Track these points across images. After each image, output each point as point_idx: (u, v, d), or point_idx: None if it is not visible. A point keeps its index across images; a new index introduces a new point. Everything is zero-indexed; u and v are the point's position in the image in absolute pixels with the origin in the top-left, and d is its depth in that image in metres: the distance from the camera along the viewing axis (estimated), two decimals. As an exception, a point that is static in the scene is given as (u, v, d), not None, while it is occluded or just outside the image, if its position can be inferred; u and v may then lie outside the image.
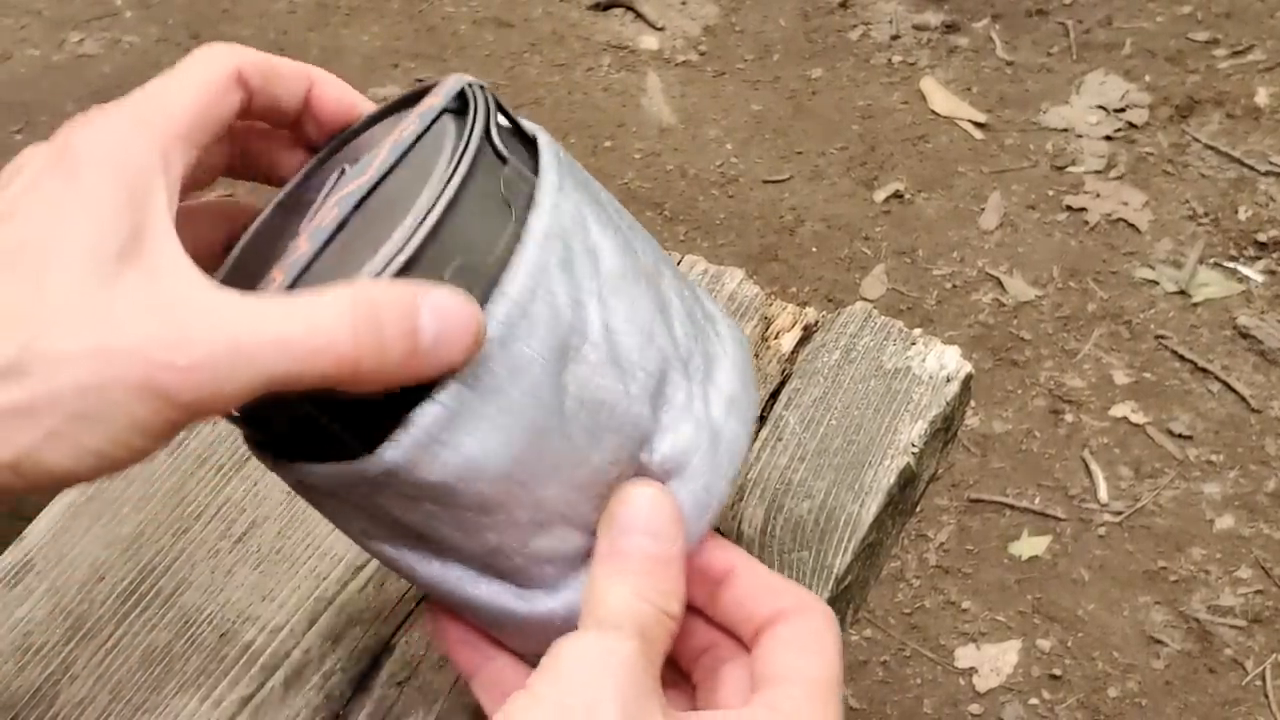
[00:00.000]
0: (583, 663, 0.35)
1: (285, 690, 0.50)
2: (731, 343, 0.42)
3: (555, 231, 0.36)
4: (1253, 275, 1.70)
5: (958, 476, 1.50)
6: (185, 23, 2.11)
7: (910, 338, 0.65)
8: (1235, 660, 1.35)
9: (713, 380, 0.40)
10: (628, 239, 0.39)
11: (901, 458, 0.60)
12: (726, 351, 0.42)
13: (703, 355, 0.40)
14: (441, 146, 0.36)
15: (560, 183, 0.37)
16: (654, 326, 0.38)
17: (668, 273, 0.41)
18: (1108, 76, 1.97)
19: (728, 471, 0.40)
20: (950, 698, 1.33)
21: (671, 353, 0.38)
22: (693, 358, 0.39)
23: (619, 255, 0.37)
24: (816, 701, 0.37)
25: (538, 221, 0.36)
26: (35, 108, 1.95)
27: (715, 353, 0.41)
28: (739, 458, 0.40)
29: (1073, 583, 1.41)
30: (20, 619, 0.53)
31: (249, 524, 0.56)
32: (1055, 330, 1.65)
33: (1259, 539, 1.44)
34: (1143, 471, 1.50)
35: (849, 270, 1.73)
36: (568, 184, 0.37)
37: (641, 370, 0.37)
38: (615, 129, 1.93)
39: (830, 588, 0.57)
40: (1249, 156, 1.84)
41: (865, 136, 1.91)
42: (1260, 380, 1.58)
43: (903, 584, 1.41)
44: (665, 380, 0.38)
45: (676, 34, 2.10)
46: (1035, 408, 1.57)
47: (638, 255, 0.39)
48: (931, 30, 2.07)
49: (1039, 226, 1.77)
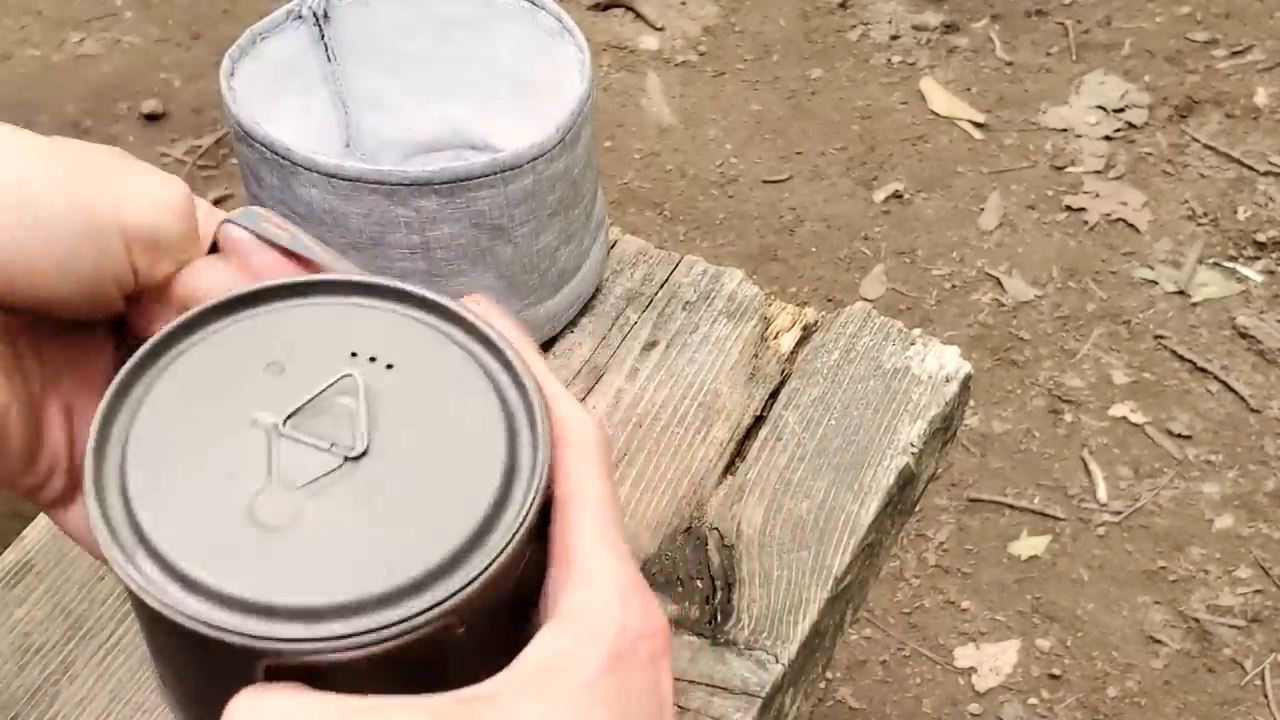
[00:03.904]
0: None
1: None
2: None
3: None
4: (1252, 275, 1.70)
5: (957, 476, 1.50)
6: (185, 23, 2.11)
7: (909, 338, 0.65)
8: (1234, 660, 1.35)
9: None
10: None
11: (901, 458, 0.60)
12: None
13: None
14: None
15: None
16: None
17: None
18: (1107, 76, 1.97)
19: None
20: (950, 697, 1.33)
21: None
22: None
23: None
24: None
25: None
26: (35, 108, 1.95)
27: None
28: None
29: (1072, 582, 1.41)
30: (20, 619, 0.53)
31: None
32: (1054, 330, 1.65)
33: (1258, 539, 1.44)
34: (1142, 471, 1.50)
35: (848, 270, 1.73)
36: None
37: None
38: (615, 129, 1.93)
39: (829, 587, 0.57)
40: (1248, 156, 1.85)
41: (865, 136, 1.91)
42: (1260, 380, 1.58)
43: (902, 584, 1.41)
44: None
45: (676, 34, 2.10)
46: (1035, 408, 1.57)
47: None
48: (931, 30, 2.07)
49: (1038, 226, 1.78)
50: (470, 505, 0.31)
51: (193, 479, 0.31)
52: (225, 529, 0.30)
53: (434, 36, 0.66)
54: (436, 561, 0.30)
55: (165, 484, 0.31)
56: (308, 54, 0.64)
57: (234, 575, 0.29)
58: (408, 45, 0.66)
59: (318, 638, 0.29)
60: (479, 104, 0.68)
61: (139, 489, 0.31)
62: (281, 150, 0.55)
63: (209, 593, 0.29)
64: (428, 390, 0.33)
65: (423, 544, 0.30)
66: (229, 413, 0.32)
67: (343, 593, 0.29)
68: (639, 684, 0.32)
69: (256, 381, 0.33)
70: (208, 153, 1.88)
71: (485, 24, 0.65)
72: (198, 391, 0.33)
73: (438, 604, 0.30)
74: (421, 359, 0.33)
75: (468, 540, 0.31)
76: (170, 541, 0.30)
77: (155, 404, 0.33)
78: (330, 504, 0.31)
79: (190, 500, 0.31)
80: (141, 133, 1.91)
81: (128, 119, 1.93)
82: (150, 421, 0.32)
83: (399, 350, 0.33)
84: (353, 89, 0.67)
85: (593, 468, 0.34)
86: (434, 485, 0.31)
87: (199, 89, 1.96)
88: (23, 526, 0.57)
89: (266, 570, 0.29)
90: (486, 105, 0.68)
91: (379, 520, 0.31)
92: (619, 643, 0.32)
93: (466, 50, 0.66)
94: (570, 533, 0.34)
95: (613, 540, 0.34)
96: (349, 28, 0.65)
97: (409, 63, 0.67)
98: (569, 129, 0.57)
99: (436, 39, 0.66)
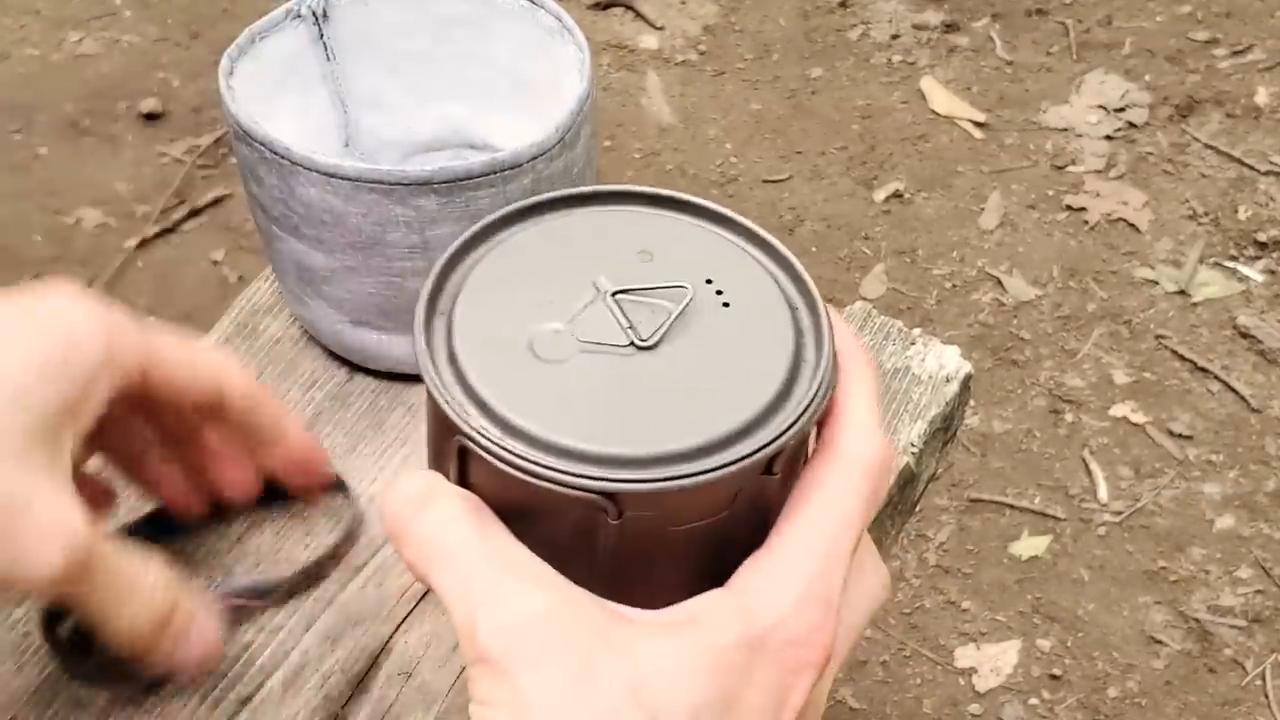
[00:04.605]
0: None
1: (284, 691, 0.50)
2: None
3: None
4: (1253, 275, 1.70)
5: (957, 476, 1.50)
6: (185, 22, 2.11)
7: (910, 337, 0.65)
8: (1235, 660, 1.35)
9: None
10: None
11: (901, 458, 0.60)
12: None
13: None
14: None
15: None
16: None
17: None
18: (1107, 76, 1.97)
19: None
20: (950, 698, 1.33)
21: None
22: None
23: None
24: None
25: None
26: (34, 108, 1.94)
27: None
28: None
29: (1073, 583, 1.41)
30: (19, 619, 0.53)
31: (248, 524, 0.56)
32: (1055, 330, 1.65)
33: (1259, 539, 1.44)
34: (1143, 471, 1.50)
35: (849, 270, 1.73)
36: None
37: None
38: (615, 128, 1.93)
39: (830, 588, 0.57)
40: (1249, 156, 1.84)
41: (865, 136, 1.91)
42: (1260, 380, 1.58)
43: (903, 584, 1.41)
44: None
45: (676, 33, 2.10)
46: (1035, 407, 1.57)
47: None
48: (931, 30, 2.07)
49: (1039, 226, 1.77)
50: (746, 397, 0.34)
51: (513, 302, 0.35)
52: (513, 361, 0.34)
53: (433, 36, 0.66)
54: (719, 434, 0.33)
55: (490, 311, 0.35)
56: (307, 53, 0.64)
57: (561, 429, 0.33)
58: (407, 44, 0.66)
59: (655, 478, 0.32)
60: (478, 103, 0.68)
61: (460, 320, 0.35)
62: (280, 149, 0.55)
63: (543, 444, 0.33)
64: (743, 322, 0.36)
65: (695, 421, 0.33)
66: (583, 270, 0.36)
67: (671, 442, 0.33)
68: (763, 680, 0.32)
69: (625, 259, 0.37)
70: (207, 152, 1.88)
71: (484, 23, 0.65)
72: (560, 246, 0.37)
73: (757, 450, 0.33)
74: (750, 294, 0.37)
75: (746, 422, 0.33)
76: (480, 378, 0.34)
77: (521, 245, 0.37)
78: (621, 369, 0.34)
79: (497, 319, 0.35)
80: (140, 132, 1.91)
81: (126, 118, 1.93)
82: (505, 261, 0.37)
83: (738, 286, 0.37)
84: (352, 88, 0.67)
85: (856, 483, 0.35)
86: (707, 386, 0.34)
87: (198, 88, 1.96)
88: (21, 527, 0.57)
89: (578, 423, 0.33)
90: (486, 105, 0.68)
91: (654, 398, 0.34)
92: (768, 633, 0.32)
93: (466, 49, 0.66)
94: (801, 507, 0.34)
95: (833, 553, 0.34)
96: (348, 27, 0.65)
97: (408, 62, 0.67)
98: (569, 128, 0.57)
99: (436, 38, 0.66)
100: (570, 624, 0.32)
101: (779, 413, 0.34)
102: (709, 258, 0.37)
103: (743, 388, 0.34)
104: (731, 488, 0.33)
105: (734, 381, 0.34)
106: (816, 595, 0.33)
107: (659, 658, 0.31)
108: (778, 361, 0.35)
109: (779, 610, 0.33)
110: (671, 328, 0.35)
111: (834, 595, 0.33)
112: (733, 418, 0.33)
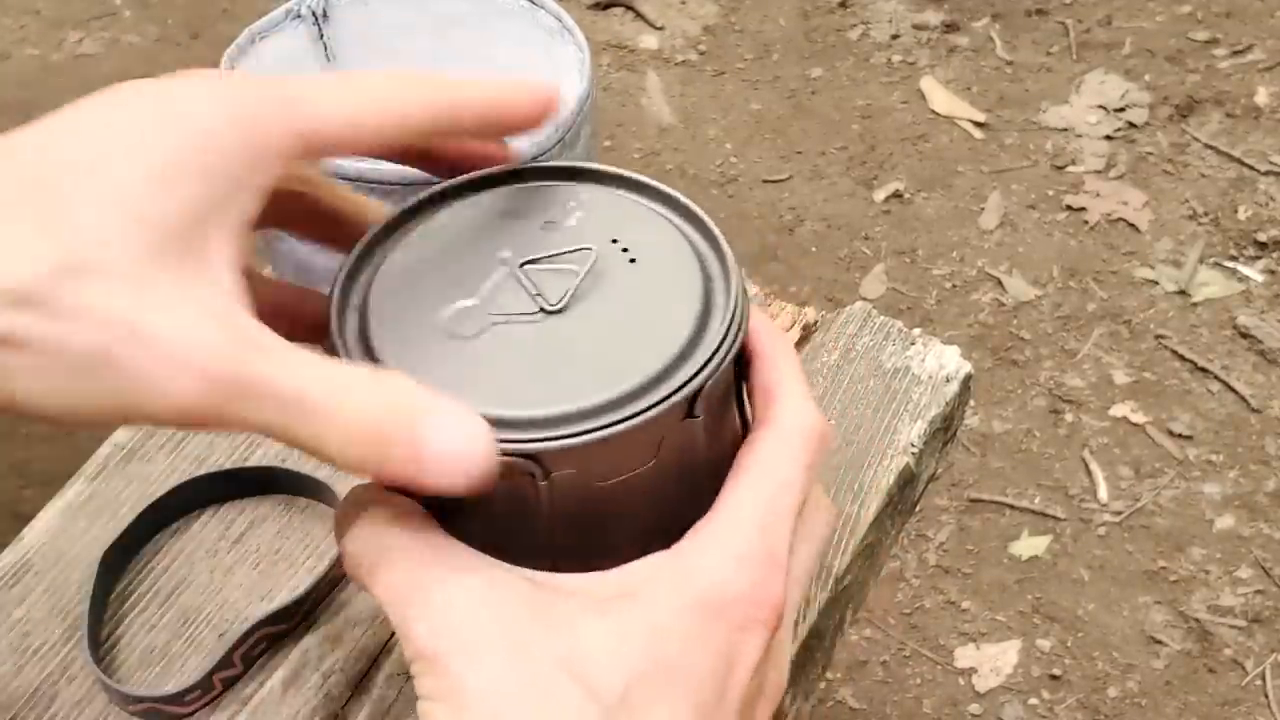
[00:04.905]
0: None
1: (284, 690, 0.50)
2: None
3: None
4: (1253, 275, 1.70)
5: (957, 476, 1.50)
6: (185, 22, 2.11)
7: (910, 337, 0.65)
8: (1235, 660, 1.35)
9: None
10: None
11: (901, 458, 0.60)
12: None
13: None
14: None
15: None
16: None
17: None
18: (1107, 76, 1.97)
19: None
20: (950, 698, 1.33)
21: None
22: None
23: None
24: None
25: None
26: (34, 107, 1.94)
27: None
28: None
29: (1073, 583, 1.41)
30: (19, 619, 0.53)
31: (248, 524, 0.56)
32: (1055, 330, 1.65)
33: (1259, 539, 1.44)
34: (1143, 471, 1.50)
35: (848, 270, 1.73)
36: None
37: None
38: (615, 128, 1.93)
39: (829, 588, 0.57)
40: (1249, 156, 1.84)
41: (865, 136, 1.91)
42: (1260, 380, 1.58)
43: (902, 584, 1.41)
44: None
45: (676, 33, 2.10)
46: (1035, 407, 1.57)
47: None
48: (931, 30, 2.07)
49: (1039, 226, 1.77)
50: (660, 346, 0.34)
51: (426, 284, 0.36)
52: (427, 338, 0.34)
53: (433, 36, 0.66)
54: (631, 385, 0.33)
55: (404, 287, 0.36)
56: (307, 53, 0.64)
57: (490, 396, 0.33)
58: (407, 44, 0.66)
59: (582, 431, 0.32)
60: (478, 103, 0.68)
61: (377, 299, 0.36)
62: (280, 150, 0.55)
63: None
64: (651, 277, 0.36)
65: (599, 378, 0.33)
66: (491, 247, 0.37)
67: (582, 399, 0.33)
68: (709, 643, 0.32)
69: (530, 232, 0.37)
70: (207, 152, 1.88)
71: (485, 23, 0.65)
72: (468, 228, 0.38)
73: (663, 398, 0.33)
74: (657, 249, 0.37)
75: (650, 377, 0.33)
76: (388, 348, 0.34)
77: (430, 232, 0.38)
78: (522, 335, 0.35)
79: (411, 305, 0.35)
80: (141, 132, 1.91)
81: (127, 118, 1.93)
82: (415, 248, 0.37)
83: (645, 244, 0.37)
84: (352, 88, 0.67)
85: (793, 451, 0.35)
86: (620, 341, 0.35)
87: (199, 88, 1.96)
88: (22, 527, 0.57)
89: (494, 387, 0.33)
90: (486, 104, 0.68)
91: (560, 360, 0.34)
92: (710, 594, 0.32)
93: (466, 49, 0.66)
94: (740, 475, 0.34)
95: (773, 510, 0.34)
96: (348, 27, 0.65)
97: (408, 62, 0.67)
98: (569, 128, 0.57)
99: (436, 38, 0.66)
100: (498, 607, 0.32)
101: (692, 356, 0.34)
102: (614, 220, 0.38)
103: (656, 338, 0.34)
104: (654, 436, 0.34)
105: (647, 333, 0.34)
106: (758, 552, 0.33)
107: (594, 633, 0.31)
108: (688, 309, 0.35)
109: (721, 570, 0.33)
110: (580, 289, 0.35)
111: (778, 552, 0.33)
112: (647, 367, 0.33)
